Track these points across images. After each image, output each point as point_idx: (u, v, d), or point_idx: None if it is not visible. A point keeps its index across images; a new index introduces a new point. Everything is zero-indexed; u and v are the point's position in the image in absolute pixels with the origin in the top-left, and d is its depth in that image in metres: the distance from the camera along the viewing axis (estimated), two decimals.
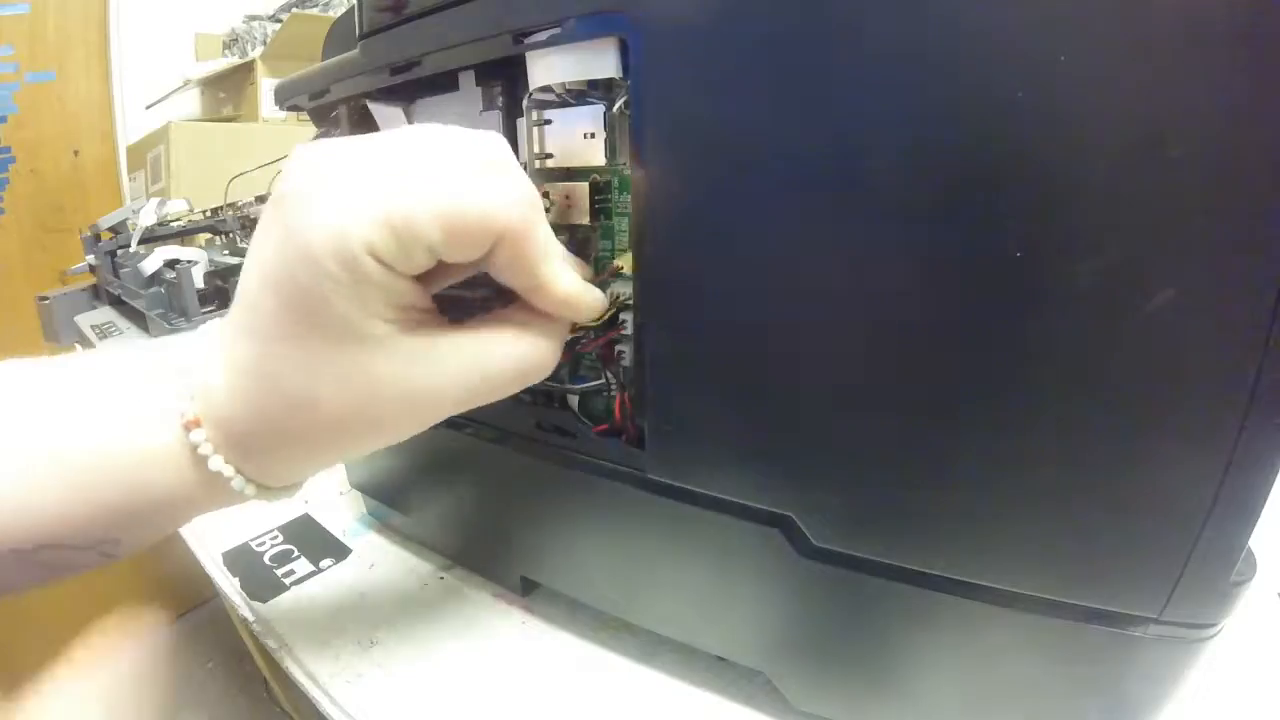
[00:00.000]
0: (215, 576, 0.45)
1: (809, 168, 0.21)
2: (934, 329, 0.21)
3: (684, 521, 0.28)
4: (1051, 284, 0.19)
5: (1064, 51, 0.17)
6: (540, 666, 0.34)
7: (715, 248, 0.24)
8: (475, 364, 0.24)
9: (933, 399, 0.21)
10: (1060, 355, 0.20)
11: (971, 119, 0.19)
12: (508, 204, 0.21)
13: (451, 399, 0.24)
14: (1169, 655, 0.22)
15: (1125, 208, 0.18)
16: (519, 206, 0.22)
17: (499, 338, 0.24)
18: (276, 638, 0.37)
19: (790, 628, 0.28)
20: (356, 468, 0.47)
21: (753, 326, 0.24)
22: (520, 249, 0.22)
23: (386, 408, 0.23)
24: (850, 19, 0.20)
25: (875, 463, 0.23)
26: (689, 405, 0.26)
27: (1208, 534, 0.19)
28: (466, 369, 0.24)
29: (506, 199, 0.21)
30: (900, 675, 0.26)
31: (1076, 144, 0.18)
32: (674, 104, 0.23)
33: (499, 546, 0.38)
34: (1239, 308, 0.18)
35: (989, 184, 0.19)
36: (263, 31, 1.70)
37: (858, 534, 0.24)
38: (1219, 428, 0.18)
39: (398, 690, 0.33)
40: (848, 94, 0.20)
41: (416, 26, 0.30)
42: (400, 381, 0.23)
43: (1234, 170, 0.17)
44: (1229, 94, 0.16)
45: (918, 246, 0.20)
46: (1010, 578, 0.22)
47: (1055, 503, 0.21)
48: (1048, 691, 0.24)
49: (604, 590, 0.34)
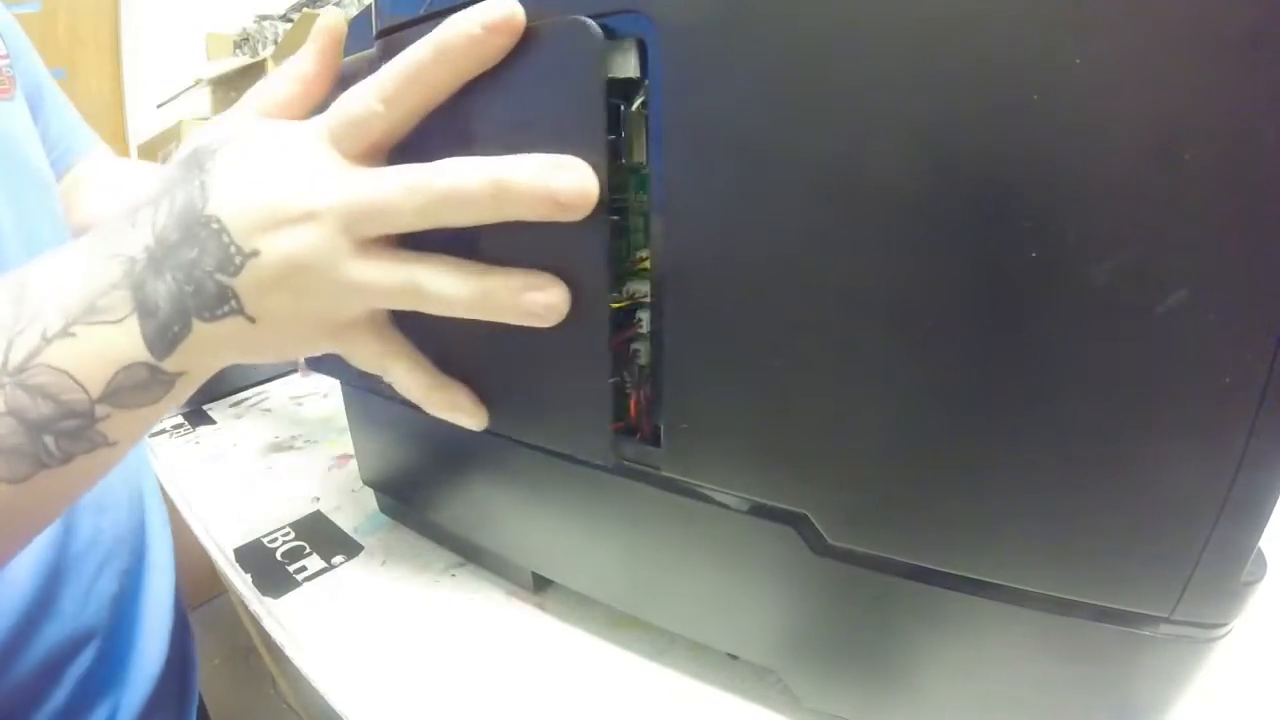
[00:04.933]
0: (227, 572, 0.45)
1: (826, 169, 0.21)
2: (948, 329, 0.21)
3: (698, 519, 0.28)
4: (1065, 285, 0.19)
5: (1079, 55, 0.18)
6: (552, 663, 0.34)
7: (733, 247, 0.24)
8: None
9: (948, 399, 0.22)
10: (1073, 356, 0.20)
11: (988, 122, 0.19)
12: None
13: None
14: (1179, 654, 0.22)
15: (1138, 210, 0.18)
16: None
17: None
18: (288, 633, 0.38)
19: (802, 625, 0.28)
20: (368, 465, 0.47)
21: (768, 325, 0.24)
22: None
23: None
24: (867, 21, 0.20)
25: (889, 462, 0.23)
26: (704, 404, 0.26)
27: (1218, 534, 0.20)
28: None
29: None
30: (911, 673, 0.26)
31: (1090, 147, 0.18)
32: (692, 103, 0.23)
33: (511, 543, 0.38)
34: (1250, 309, 0.18)
35: (1005, 186, 0.19)
36: (274, 31, 1.71)
37: (872, 532, 0.24)
38: (1230, 428, 0.19)
39: (409, 687, 0.33)
40: (866, 95, 0.20)
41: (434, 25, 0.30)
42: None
43: (1247, 173, 0.17)
44: (1241, 98, 0.17)
45: (935, 247, 0.21)
46: (1021, 576, 0.22)
47: (1068, 502, 0.21)
48: (1058, 690, 0.24)
49: (616, 588, 0.34)
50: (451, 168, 0.25)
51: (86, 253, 0.26)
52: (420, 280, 0.26)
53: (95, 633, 0.43)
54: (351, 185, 0.25)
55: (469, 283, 0.26)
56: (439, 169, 0.25)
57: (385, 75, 0.26)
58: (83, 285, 0.25)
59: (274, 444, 0.62)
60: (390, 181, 0.25)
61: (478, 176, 0.24)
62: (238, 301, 0.25)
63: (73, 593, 0.41)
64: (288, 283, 0.25)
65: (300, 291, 0.26)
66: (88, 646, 0.42)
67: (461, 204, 0.25)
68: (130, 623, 0.47)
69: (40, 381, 0.24)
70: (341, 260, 0.26)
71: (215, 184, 0.25)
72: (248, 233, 0.25)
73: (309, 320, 0.27)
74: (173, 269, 0.25)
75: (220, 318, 0.25)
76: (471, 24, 0.24)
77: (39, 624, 0.39)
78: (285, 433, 0.64)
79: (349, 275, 0.26)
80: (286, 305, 0.26)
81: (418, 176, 0.25)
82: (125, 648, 0.46)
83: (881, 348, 0.22)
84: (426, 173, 0.25)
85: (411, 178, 0.25)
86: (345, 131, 0.26)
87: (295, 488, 0.54)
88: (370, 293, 0.26)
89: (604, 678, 0.33)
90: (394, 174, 0.25)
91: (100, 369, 0.25)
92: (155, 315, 0.25)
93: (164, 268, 0.25)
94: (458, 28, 0.24)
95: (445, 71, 0.25)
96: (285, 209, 0.25)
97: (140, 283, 0.25)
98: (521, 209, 0.24)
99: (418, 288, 0.26)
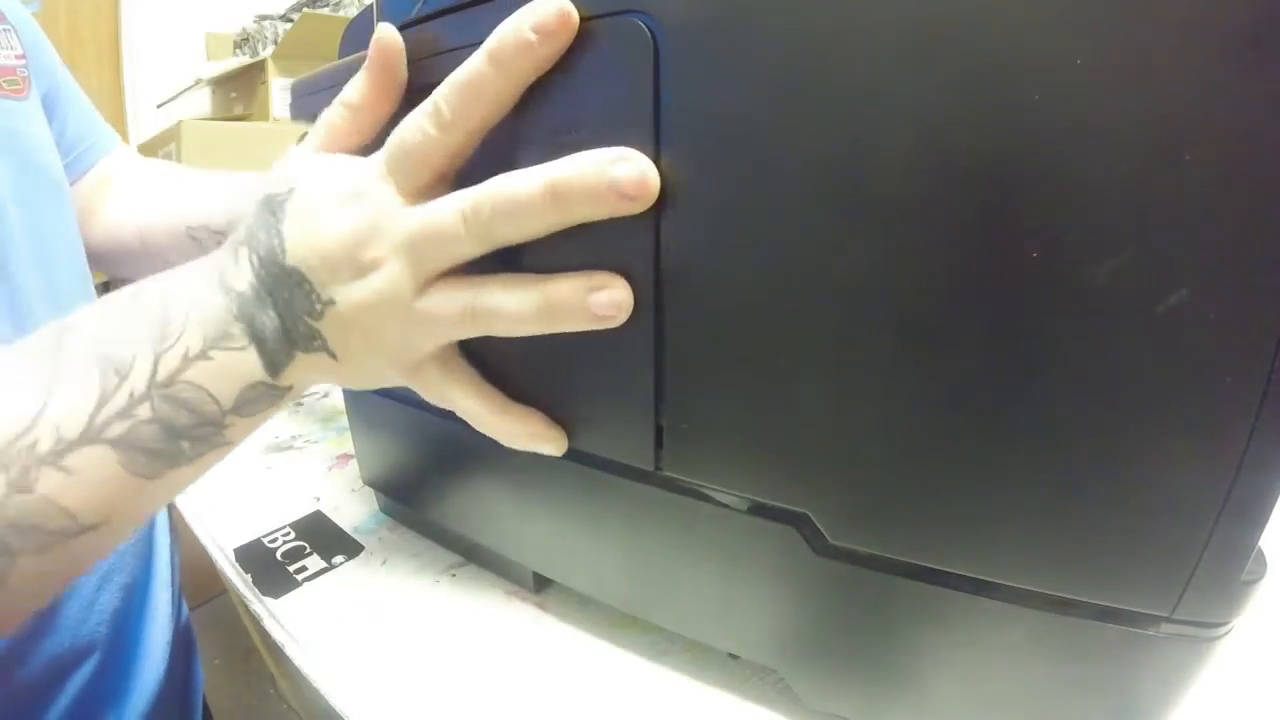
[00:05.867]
0: (227, 572, 0.45)
1: (827, 168, 0.21)
2: (950, 328, 0.21)
3: (699, 519, 0.28)
4: (1066, 285, 0.19)
5: (1080, 55, 0.18)
6: (552, 663, 0.34)
7: (736, 246, 0.24)
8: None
9: (949, 398, 0.22)
10: (1074, 355, 0.20)
11: (989, 122, 0.19)
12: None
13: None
14: (1180, 654, 0.22)
15: (1139, 210, 0.18)
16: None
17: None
18: (287, 633, 0.38)
19: (804, 625, 0.28)
20: (369, 465, 0.47)
21: (770, 325, 0.24)
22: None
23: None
24: (869, 21, 0.20)
25: (891, 461, 0.23)
26: (706, 404, 0.26)
27: (1219, 533, 0.20)
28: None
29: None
30: (912, 673, 0.26)
31: (1091, 147, 0.18)
32: (695, 102, 0.23)
33: (512, 543, 0.38)
34: (1251, 309, 0.18)
35: (1006, 186, 0.19)
36: (274, 31, 1.71)
37: (873, 532, 0.24)
38: (1231, 427, 0.19)
39: (409, 687, 0.33)
40: (869, 95, 0.20)
41: (436, 24, 0.30)
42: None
43: (1247, 173, 0.17)
44: (1242, 98, 0.17)
45: (936, 247, 0.21)
46: (1022, 576, 0.23)
47: (1068, 501, 0.21)
48: (1059, 689, 0.24)
49: (617, 587, 0.34)
50: (502, 183, 0.25)
51: (205, 281, 0.28)
52: (484, 302, 0.27)
53: (96, 646, 0.43)
54: (410, 224, 0.26)
55: (532, 295, 0.26)
56: (490, 187, 0.25)
57: (439, 98, 0.26)
58: (210, 313, 0.27)
59: (274, 444, 0.62)
60: (445, 212, 0.26)
61: (532, 184, 0.24)
62: (323, 340, 0.29)
63: (74, 606, 0.41)
64: (362, 324, 0.28)
65: (374, 332, 0.28)
66: (88, 660, 0.42)
67: (521, 216, 0.25)
68: (132, 636, 0.47)
69: (184, 396, 0.27)
70: (409, 299, 0.27)
71: (290, 235, 0.28)
72: (324, 284, 0.27)
73: (384, 357, 0.29)
74: (274, 306, 0.28)
75: (313, 350, 0.29)
76: (524, 30, 0.24)
77: (39, 638, 0.39)
78: (285, 433, 0.64)
79: (417, 312, 0.27)
80: (363, 344, 0.29)
81: (470, 200, 0.25)
82: (127, 661, 0.46)
83: (883, 347, 0.22)
84: (478, 194, 0.25)
85: (465, 203, 0.26)
86: (403, 165, 0.27)
87: (295, 488, 0.54)
88: (439, 325, 0.28)
89: (604, 678, 0.33)
90: (448, 204, 0.26)
91: (231, 385, 0.28)
92: (266, 344, 0.28)
93: (266, 305, 0.28)
94: (513, 35, 0.24)
95: (505, 83, 0.25)
96: (353, 260, 0.27)
97: (251, 316, 0.28)
98: (584, 208, 0.24)
99: (483, 310, 0.27)
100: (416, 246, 0.26)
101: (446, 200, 0.26)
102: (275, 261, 0.28)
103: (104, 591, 0.44)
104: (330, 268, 0.27)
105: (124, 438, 0.26)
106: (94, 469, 0.26)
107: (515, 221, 0.25)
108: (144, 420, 0.26)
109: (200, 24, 1.99)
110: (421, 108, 0.26)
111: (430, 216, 0.26)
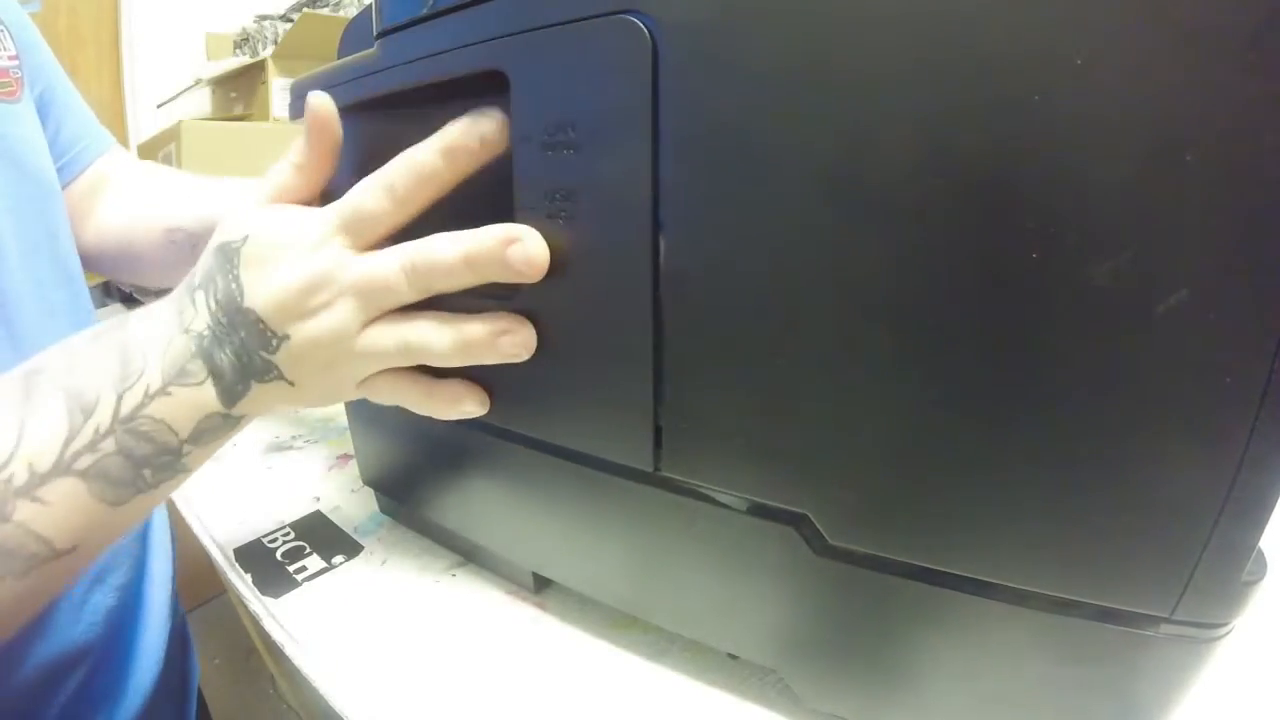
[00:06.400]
0: (227, 572, 0.45)
1: (827, 169, 0.21)
2: (950, 329, 0.21)
3: (699, 519, 0.28)
4: (1066, 285, 0.19)
5: (1080, 55, 0.18)
6: (552, 663, 0.34)
7: (734, 246, 0.24)
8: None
9: (950, 399, 0.22)
10: (1074, 355, 0.20)
11: (989, 122, 0.19)
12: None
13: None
14: (1180, 654, 0.22)
15: (1139, 210, 0.18)
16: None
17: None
18: (287, 633, 0.38)
19: (803, 626, 0.28)
20: (369, 465, 0.47)
21: (770, 325, 0.24)
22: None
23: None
24: (868, 21, 0.20)
25: (890, 462, 0.23)
26: (706, 403, 0.26)
27: (1219, 533, 0.20)
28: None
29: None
30: (912, 674, 0.26)
31: (1091, 147, 0.18)
32: (693, 102, 0.23)
33: (511, 543, 0.38)
34: (1251, 309, 0.18)
35: (1006, 187, 0.19)
36: (274, 31, 1.71)
37: (873, 532, 0.24)
38: (1230, 428, 0.19)
39: (409, 687, 0.33)
40: (868, 95, 0.20)
41: (436, 24, 0.30)
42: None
43: (1248, 173, 0.17)
44: (1242, 98, 0.17)
45: (936, 247, 0.21)
46: (1023, 576, 0.22)
47: (1068, 502, 0.21)
48: (1059, 690, 0.24)
49: (617, 588, 0.34)
50: (433, 246, 0.29)
51: (164, 322, 0.31)
52: (415, 340, 0.31)
53: (90, 648, 0.43)
54: (359, 275, 0.30)
55: (450, 335, 0.31)
56: (425, 249, 0.30)
57: (395, 177, 0.30)
58: (169, 352, 0.30)
59: (274, 444, 0.62)
60: (390, 267, 0.30)
61: (453, 252, 0.29)
62: (279, 371, 0.31)
63: (65, 608, 0.41)
64: (314, 356, 0.31)
65: (326, 362, 0.32)
66: (82, 662, 0.42)
67: (448, 276, 0.29)
68: (127, 637, 0.47)
69: (145, 429, 0.30)
70: (354, 336, 0.31)
71: (246, 280, 0.31)
72: (279, 322, 0.30)
73: (336, 380, 0.33)
74: (230, 345, 0.31)
75: (269, 381, 0.32)
76: (473, 137, 0.29)
77: (29, 641, 0.39)
78: (285, 433, 0.64)
79: (360, 347, 0.31)
80: (317, 371, 0.32)
81: (410, 257, 0.30)
82: (121, 662, 0.46)
83: (883, 347, 0.22)
84: (416, 253, 0.30)
85: (406, 259, 0.30)
86: (355, 225, 0.31)
87: (295, 488, 0.54)
88: (380, 358, 0.32)
89: (604, 678, 0.33)
90: (392, 259, 0.30)
91: (188, 418, 0.31)
92: (223, 378, 0.31)
93: (224, 344, 0.31)
94: (463, 139, 0.29)
95: (451, 175, 0.30)
96: (306, 302, 0.30)
97: (209, 354, 0.31)
98: (491, 274, 0.29)
99: (415, 346, 0.31)
100: (364, 294, 0.30)
101: (390, 255, 0.30)
102: (233, 304, 0.31)
103: (95, 593, 0.44)
104: (285, 308, 0.30)
105: (91, 469, 0.29)
106: (66, 499, 0.29)
107: (444, 280, 0.30)
108: (109, 453, 0.29)
109: (200, 24, 1.99)
110: (379, 181, 0.30)
111: (378, 270, 0.30)
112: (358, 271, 0.30)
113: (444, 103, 0.31)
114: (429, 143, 0.30)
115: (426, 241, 0.30)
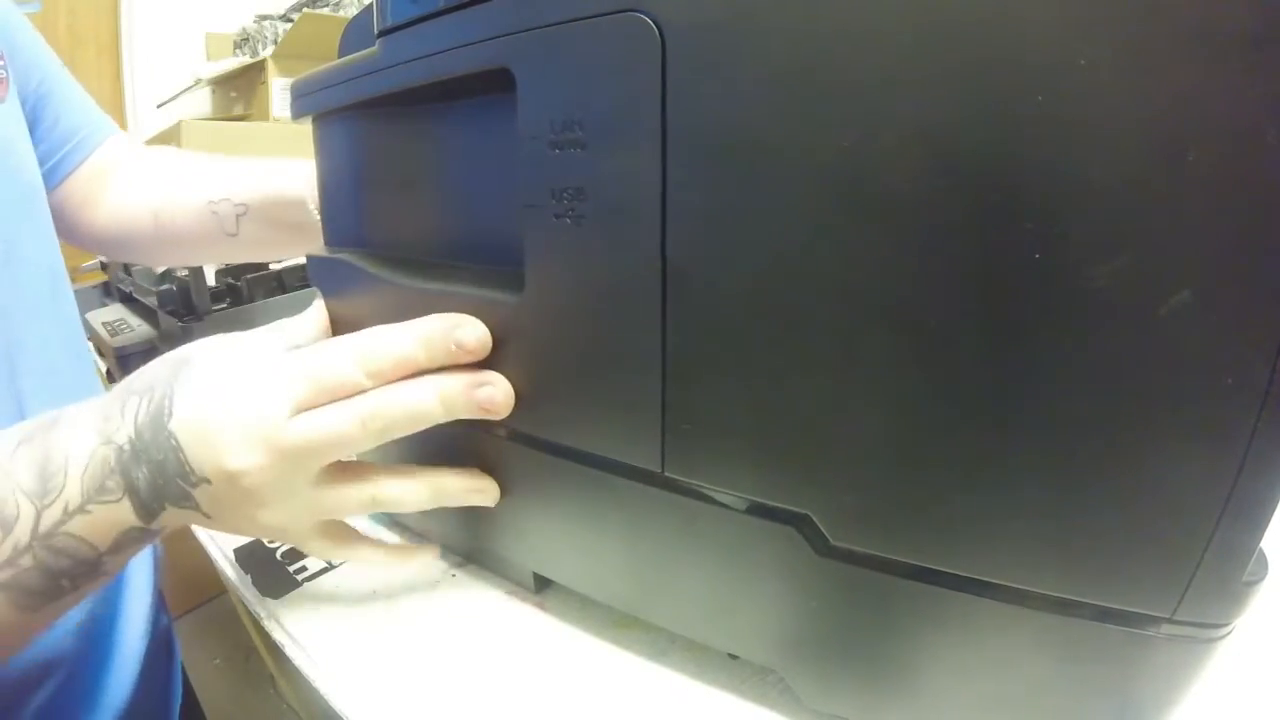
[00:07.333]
0: (227, 573, 0.45)
1: (830, 169, 0.21)
2: (952, 330, 0.21)
3: (700, 520, 0.28)
4: (1068, 286, 0.19)
5: (1083, 56, 0.18)
6: (553, 664, 0.34)
7: (736, 246, 0.24)
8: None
9: (951, 399, 0.22)
10: (1076, 356, 0.20)
11: (992, 123, 0.19)
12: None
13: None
14: (1181, 655, 0.22)
15: (1141, 211, 0.18)
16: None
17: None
18: (287, 633, 0.38)
19: (804, 626, 0.28)
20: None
21: (772, 326, 0.24)
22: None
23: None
24: (871, 22, 0.20)
25: (892, 462, 0.23)
26: (708, 404, 0.26)
27: (1220, 534, 0.20)
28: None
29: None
30: (913, 674, 0.26)
31: (1093, 148, 0.18)
32: (695, 102, 0.23)
33: (512, 543, 0.38)
34: (1253, 310, 0.18)
35: (1008, 188, 0.19)
36: (274, 31, 1.71)
37: (874, 533, 0.24)
38: (1232, 429, 0.19)
39: (409, 687, 0.33)
40: (871, 96, 0.20)
41: (439, 22, 0.30)
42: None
43: (1249, 174, 0.17)
44: (1243, 99, 0.17)
45: (938, 248, 0.21)
46: (1024, 576, 0.22)
47: (1070, 502, 0.21)
48: (1059, 691, 0.24)
49: (617, 588, 0.34)
50: (399, 395, 0.30)
51: (89, 428, 0.30)
52: (384, 495, 0.32)
53: (60, 663, 0.42)
54: (308, 430, 0.30)
55: (422, 488, 0.33)
56: (388, 398, 0.30)
57: (371, 358, 0.30)
58: (89, 465, 0.29)
59: None
60: (346, 420, 0.30)
61: (426, 394, 0.30)
62: (194, 503, 0.31)
63: None
64: (241, 502, 0.31)
65: (256, 506, 0.31)
66: (51, 675, 0.42)
67: (414, 422, 0.30)
68: (102, 650, 0.47)
69: (63, 545, 0.29)
70: (299, 490, 0.31)
71: (179, 402, 0.30)
72: (199, 462, 0.30)
73: (263, 524, 0.32)
74: (147, 463, 0.30)
75: (184, 508, 0.31)
76: (451, 339, 0.30)
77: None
78: None
79: (308, 500, 0.32)
80: (240, 513, 0.31)
81: (368, 409, 0.30)
82: (95, 674, 0.46)
83: (885, 348, 0.22)
84: (375, 405, 0.30)
85: (363, 411, 0.30)
86: (314, 389, 0.30)
87: None
88: (332, 511, 0.32)
89: (604, 678, 0.33)
90: (347, 412, 0.30)
91: (107, 533, 0.30)
92: (139, 495, 0.30)
93: (141, 460, 0.30)
94: (443, 338, 0.30)
95: (424, 364, 0.31)
96: (231, 459, 0.29)
97: (126, 469, 0.30)
98: (462, 414, 0.30)
99: (385, 500, 0.32)
100: (317, 450, 0.30)
101: (343, 409, 0.30)
102: (158, 420, 0.30)
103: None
104: (209, 453, 0.29)
105: (8, 582, 0.29)
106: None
107: (409, 426, 0.31)
108: (27, 568, 0.29)
109: (200, 24, 1.99)
110: (352, 357, 0.31)
111: (331, 425, 0.30)
112: (306, 426, 0.30)
113: (447, 101, 0.31)
114: (410, 334, 0.31)
115: (389, 393, 0.31)
